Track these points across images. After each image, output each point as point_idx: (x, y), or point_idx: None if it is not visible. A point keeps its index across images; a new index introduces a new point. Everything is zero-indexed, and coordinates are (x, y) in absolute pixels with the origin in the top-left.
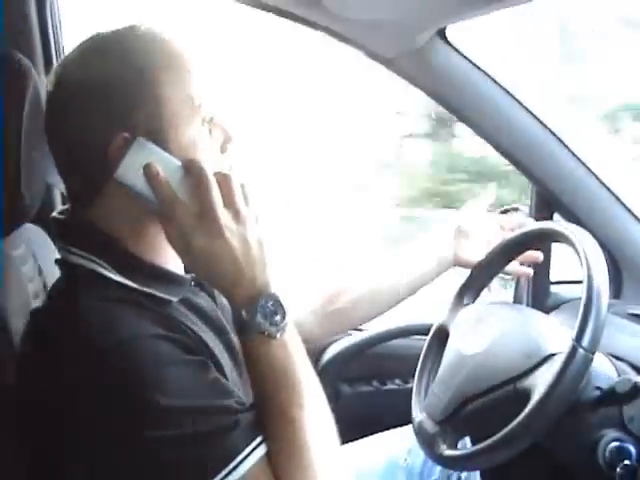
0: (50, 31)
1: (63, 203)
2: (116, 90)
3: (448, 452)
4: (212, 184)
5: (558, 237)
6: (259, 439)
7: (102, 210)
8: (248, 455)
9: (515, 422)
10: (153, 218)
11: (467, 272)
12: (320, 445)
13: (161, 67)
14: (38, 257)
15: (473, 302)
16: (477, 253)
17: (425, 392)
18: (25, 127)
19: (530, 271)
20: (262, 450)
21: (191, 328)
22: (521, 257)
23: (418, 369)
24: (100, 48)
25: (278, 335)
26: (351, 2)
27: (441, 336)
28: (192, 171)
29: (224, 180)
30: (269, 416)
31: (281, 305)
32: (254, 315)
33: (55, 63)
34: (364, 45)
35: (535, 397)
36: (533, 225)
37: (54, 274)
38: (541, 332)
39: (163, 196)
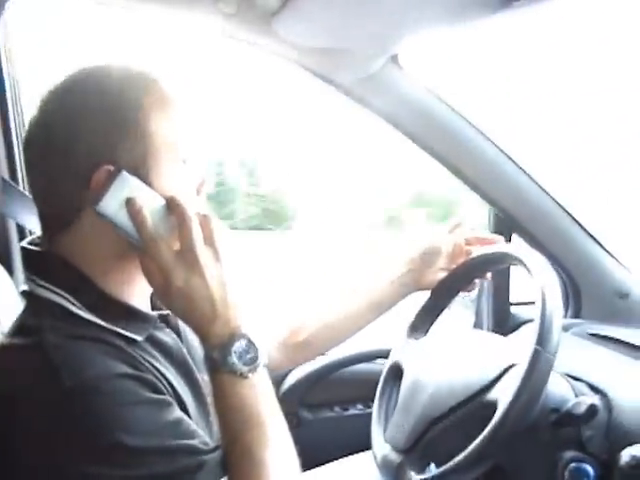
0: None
1: (19, 235)
2: (101, 122)
3: (417, 477)
4: (194, 223)
5: (512, 260)
6: None
7: (75, 242)
8: None
9: (478, 439)
10: (126, 253)
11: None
12: None
13: (148, 103)
14: None
15: (425, 334)
16: (438, 278)
17: (385, 426)
18: None
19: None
20: None
21: (156, 367)
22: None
23: (375, 406)
24: (86, 80)
25: (250, 375)
26: (302, 29)
27: (396, 372)
28: (174, 209)
29: (204, 220)
30: (235, 456)
31: (254, 345)
32: (227, 355)
33: (7, 92)
34: (318, 72)
35: (504, 402)
36: (488, 249)
37: (7, 307)
38: (500, 349)
39: (145, 232)
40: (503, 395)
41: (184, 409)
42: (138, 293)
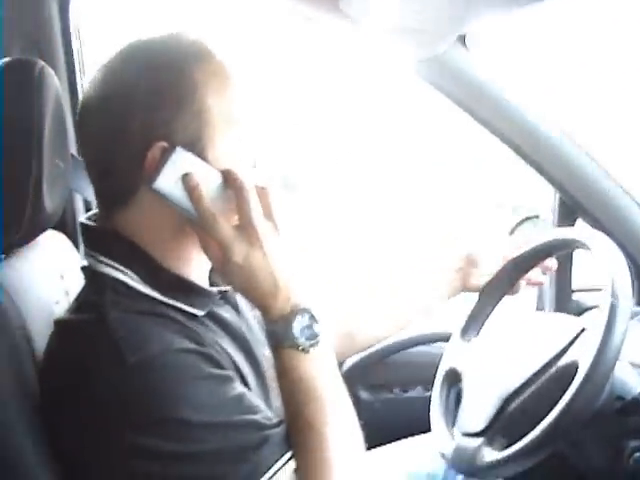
0: (73, 39)
1: (86, 209)
2: (156, 98)
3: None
4: (252, 196)
5: (578, 245)
6: (289, 454)
7: (132, 219)
8: (277, 471)
9: (539, 427)
10: (184, 229)
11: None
12: (347, 462)
13: (203, 78)
14: (59, 263)
15: (476, 336)
16: (485, 280)
17: (450, 421)
18: (47, 134)
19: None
20: (292, 465)
21: (218, 342)
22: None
23: (435, 408)
24: (142, 54)
25: (311, 349)
26: (371, 10)
27: (453, 378)
28: (232, 182)
29: (263, 193)
30: (297, 430)
31: (315, 320)
32: (289, 329)
33: (77, 71)
34: (386, 52)
35: (585, 361)
36: (553, 233)
37: (76, 280)
38: (566, 319)
39: (202, 207)
40: (582, 355)
41: (246, 384)
42: (197, 269)
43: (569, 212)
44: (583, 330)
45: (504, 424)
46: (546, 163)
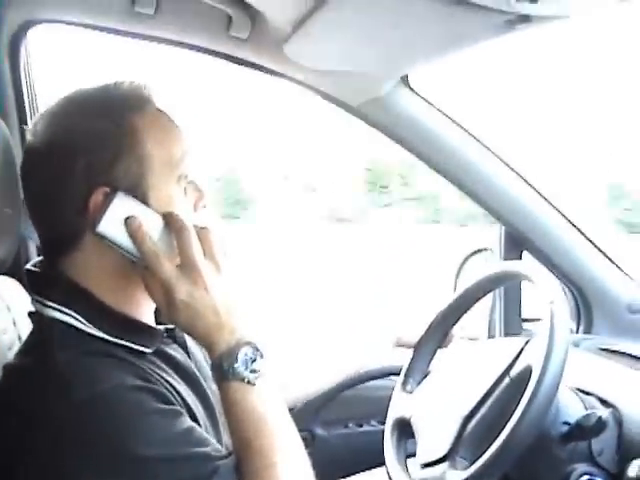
0: (24, 87)
1: (38, 255)
2: (97, 144)
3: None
4: (193, 236)
5: (520, 277)
6: None
7: (78, 263)
8: None
9: (488, 452)
10: (128, 271)
11: None
12: None
13: (143, 123)
14: (12, 309)
15: (418, 385)
16: (418, 334)
17: (405, 468)
18: None
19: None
20: None
21: (165, 378)
22: None
23: (388, 460)
24: (84, 102)
25: (257, 382)
26: (313, 53)
27: (403, 426)
28: (173, 224)
29: (203, 233)
30: (247, 462)
31: (260, 353)
32: (233, 362)
33: (29, 119)
34: (329, 94)
35: (536, 367)
36: (498, 266)
37: (29, 325)
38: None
39: (145, 249)
40: (534, 357)
41: (194, 419)
42: (144, 308)
43: (515, 245)
44: (529, 340)
45: (466, 444)
46: (491, 199)
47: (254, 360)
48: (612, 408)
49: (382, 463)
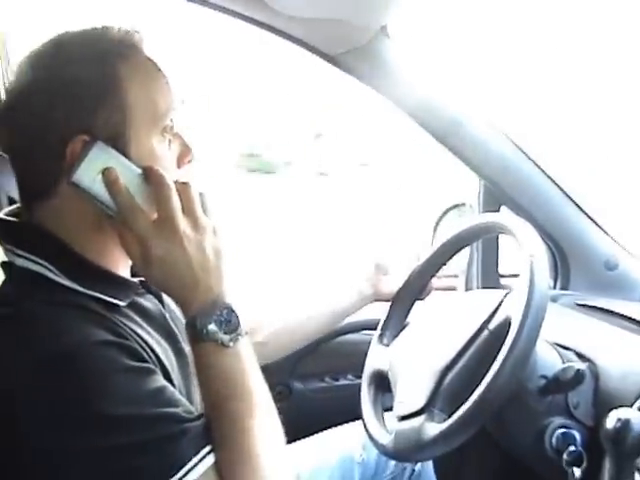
0: None
1: (9, 204)
2: (79, 90)
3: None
4: (172, 191)
5: (499, 229)
6: (207, 448)
7: (53, 212)
8: (196, 464)
9: (464, 406)
10: (104, 223)
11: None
12: (270, 455)
13: (128, 72)
14: None
15: (395, 338)
16: (395, 286)
17: (382, 421)
18: None
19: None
20: (211, 459)
21: (138, 333)
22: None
23: (365, 413)
24: (68, 46)
25: (231, 344)
26: (292, 0)
27: (379, 378)
28: (152, 178)
29: (183, 189)
30: (219, 425)
31: (235, 314)
32: (207, 323)
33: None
34: (307, 43)
35: (515, 318)
36: (477, 219)
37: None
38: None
39: (122, 202)
40: (513, 310)
41: (167, 376)
42: (119, 261)
43: (493, 199)
44: (508, 293)
45: (443, 396)
46: (469, 152)
47: (229, 321)
48: (589, 362)
49: (358, 417)
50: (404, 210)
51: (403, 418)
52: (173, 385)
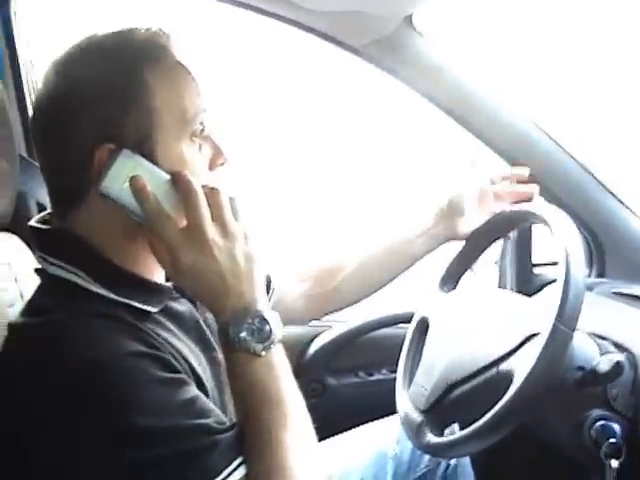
0: (16, 38)
1: (39, 212)
2: (105, 98)
3: (434, 440)
4: (200, 198)
5: (534, 219)
6: (239, 460)
7: (83, 220)
8: (227, 477)
9: (499, 405)
10: (135, 231)
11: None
12: (303, 467)
13: (155, 77)
14: (13, 266)
15: (454, 289)
16: (472, 227)
17: (409, 383)
18: None
19: None
20: (242, 471)
21: (170, 342)
22: None
23: (401, 361)
24: (93, 52)
25: (263, 353)
26: None
27: (422, 327)
28: (180, 184)
29: (212, 194)
30: (251, 435)
31: (268, 322)
32: (239, 332)
33: (22, 70)
34: (331, 36)
35: (518, 378)
36: (510, 209)
37: (31, 282)
38: (522, 314)
39: (149, 210)
40: (519, 366)
41: (200, 384)
42: (152, 267)
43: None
44: (533, 336)
45: (443, 410)
46: (501, 140)
47: (261, 330)
48: (627, 352)
49: (392, 412)
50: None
51: (412, 405)
52: (206, 394)
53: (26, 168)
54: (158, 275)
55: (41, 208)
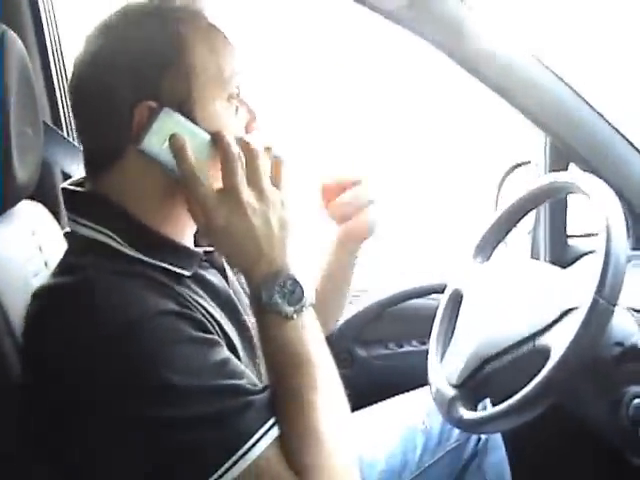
0: (42, 6)
1: (64, 180)
2: (146, 56)
3: (467, 415)
4: (237, 162)
5: (573, 189)
6: (272, 421)
7: (117, 181)
8: (261, 437)
9: (535, 381)
10: (170, 190)
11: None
12: (334, 430)
13: (193, 37)
14: (37, 234)
15: (487, 260)
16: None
17: (441, 357)
18: (14, 102)
19: None
20: (275, 432)
21: (202, 305)
22: None
23: (433, 334)
24: (132, 15)
25: (295, 316)
26: None
27: (456, 299)
28: (219, 145)
29: (251, 157)
30: (282, 398)
31: (300, 286)
32: (271, 295)
33: (47, 37)
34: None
35: (556, 353)
36: (547, 178)
37: (56, 251)
38: (559, 287)
39: (187, 169)
40: (557, 342)
41: (232, 348)
42: (183, 230)
43: (561, 157)
44: (570, 310)
45: (476, 385)
46: (536, 107)
47: (293, 292)
48: None
49: (423, 384)
50: (465, 170)
51: (446, 380)
52: (238, 357)
53: (50, 136)
54: (189, 240)
55: (66, 177)
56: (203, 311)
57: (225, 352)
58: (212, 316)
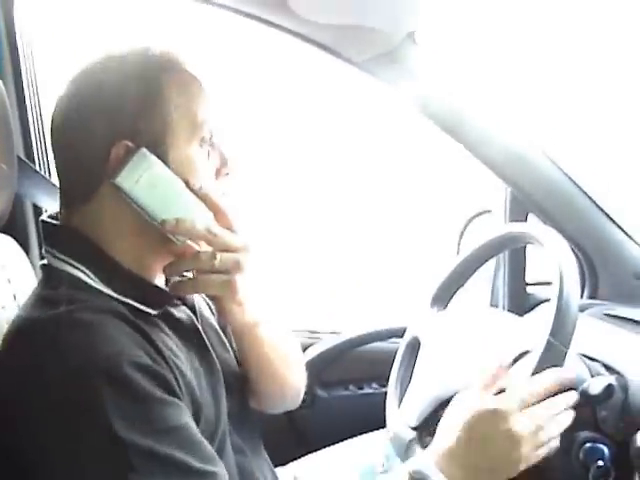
0: (18, 40)
1: (35, 214)
2: (123, 99)
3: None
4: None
5: (529, 239)
6: None
7: (91, 216)
8: None
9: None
10: (142, 230)
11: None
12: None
13: (169, 83)
14: (7, 267)
15: (445, 308)
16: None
17: (399, 401)
18: None
19: None
20: None
21: (168, 345)
22: None
23: (392, 379)
24: (115, 59)
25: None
26: (319, 6)
27: (414, 345)
28: (207, 204)
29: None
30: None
31: None
32: None
33: (25, 74)
34: (333, 49)
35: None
36: (505, 228)
37: (24, 284)
38: (514, 333)
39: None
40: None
41: (191, 389)
42: (154, 269)
43: (521, 207)
44: (524, 353)
45: (434, 427)
46: (497, 159)
47: None
48: (617, 374)
49: (383, 426)
50: (426, 220)
51: (403, 423)
52: (197, 401)
53: (23, 170)
54: (159, 278)
55: (37, 210)
56: (168, 352)
57: (184, 417)
58: (177, 356)
